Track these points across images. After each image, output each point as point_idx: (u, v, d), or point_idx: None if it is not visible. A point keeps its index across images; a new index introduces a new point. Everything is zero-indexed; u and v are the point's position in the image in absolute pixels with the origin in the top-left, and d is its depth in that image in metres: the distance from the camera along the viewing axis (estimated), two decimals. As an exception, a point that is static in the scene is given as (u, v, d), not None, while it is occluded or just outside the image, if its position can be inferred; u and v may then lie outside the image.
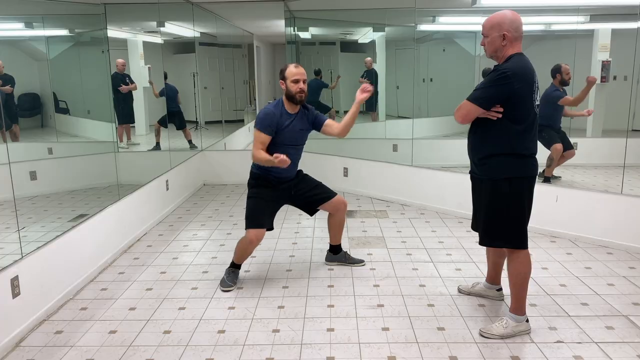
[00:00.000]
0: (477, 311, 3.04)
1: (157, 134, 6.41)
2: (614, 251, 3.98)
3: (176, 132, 6.85)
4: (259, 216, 3.36)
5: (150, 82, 6.22)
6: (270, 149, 3.31)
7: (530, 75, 2.56)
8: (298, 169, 3.60)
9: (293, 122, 3.38)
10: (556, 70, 5.16)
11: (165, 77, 6.66)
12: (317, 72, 7.95)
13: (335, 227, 3.73)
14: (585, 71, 5.96)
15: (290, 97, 3.34)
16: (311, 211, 3.64)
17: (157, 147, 6.30)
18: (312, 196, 3.56)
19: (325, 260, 3.85)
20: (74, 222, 3.61)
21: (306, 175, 3.64)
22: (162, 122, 6.43)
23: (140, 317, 3.04)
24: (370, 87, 3.35)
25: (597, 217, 4.12)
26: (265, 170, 3.39)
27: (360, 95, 3.38)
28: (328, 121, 3.54)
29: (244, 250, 3.41)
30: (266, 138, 3.29)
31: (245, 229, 3.37)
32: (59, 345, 2.74)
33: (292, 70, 3.33)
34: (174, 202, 5.53)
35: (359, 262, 3.80)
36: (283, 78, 3.35)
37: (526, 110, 2.57)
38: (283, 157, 3.11)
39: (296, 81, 3.30)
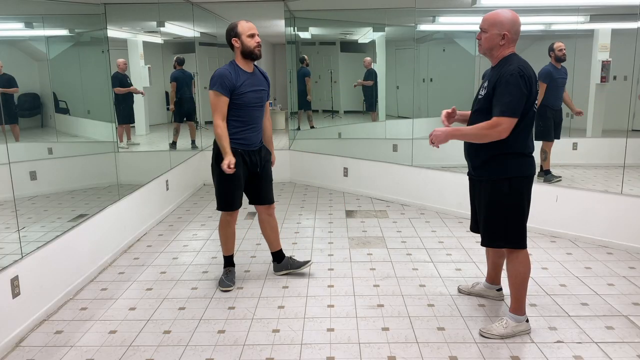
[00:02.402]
0: (477, 311, 3.04)
1: (176, 133, 6.41)
2: (614, 251, 3.98)
3: (179, 132, 6.85)
4: (232, 196, 3.32)
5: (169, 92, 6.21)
6: (236, 112, 3.18)
7: (535, 75, 2.58)
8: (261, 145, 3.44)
9: (252, 81, 3.22)
10: (550, 49, 5.29)
11: (182, 63, 6.64)
12: (302, 60, 7.94)
13: (270, 232, 3.58)
14: (585, 71, 5.97)
15: (248, 53, 3.15)
16: (253, 201, 3.52)
17: (174, 146, 6.31)
18: (262, 191, 3.47)
19: (274, 271, 3.66)
20: (74, 222, 3.61)
21: (268, 160, 3.48)
22: (178, 118, 6.39)
23: (140, 317, 3.04)
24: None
25: (597, 217, 4.12)
26: (233, 140, 3.20)
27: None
28: (267, 105, 3.39)
29: (225, 233, 3.44)
30: (225, 102, 3.12)
31: (218, 210, 3.39)
32: (59, 345, 2.74)
33: (245, 25, 3.14)
34: (174, 202, 5.53)
35: (304, 263, 3.61)
36: (236, 35, 3.13)
37: (530, 109, 2.58)
38: (232, 169, 3.09)
39: (252, 35, 3.13)
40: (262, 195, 3.49)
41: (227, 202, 3.35)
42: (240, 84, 3.16)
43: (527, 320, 2.78)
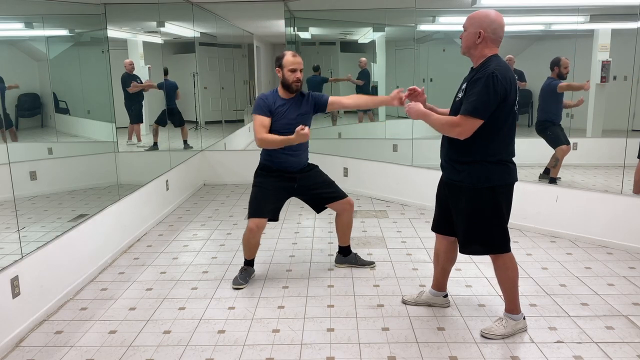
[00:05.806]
0: (477, 311, 3.04)
1: (155, 134, 6.41)
2: (614, 251, 3.98)
3: (176, 132, 6.85)
4: (259, 205, 3.37)
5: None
6: None
7: (514, 77, 2.53)
8: (312, 163, 3.58)
9: (288, 108, 3.33)
10: (555, 63, 5.20)
11: (166, 73, 6.66)
12: (316, 69, 7.95)
13: (342, 227, 3.69)
14: (585, 71, 5.96)
15: (287, 86, 3.32)
16: (318, 208, 3.62)
17: (155, 146, 6.31)
18: (318, 194, 3.54)
19: (335, 262, 3.80)
20: (74, 222, 3.61)
21: (317, 170, 3.60)
22: (160, 122, 6.43)
23: (140, 317, 3.04)
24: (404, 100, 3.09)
25: (597, 217, 4.12)
26: (271, 161, 3.39)
27: (396, 101, 3.08)
28: (332, 99, 3.49)
29: (246, 240, 3.43)
30: (266, 120, 3.28)
31: (247, 218, 3.41)
32: (59, 345, 2.74)
33: (290, 59, 3.30)
34: (174, 202, 5.53)
35: (369, 264, 3.75)
36: (280, 66, 3.32)
37: (512, 113, 2.54)
38: (305, 130, 3.10)
39: (293, 70, 3.28)
40: (322, 197, 3.55)
41: (252, 208, 3.38)
42: (276, 108, 3.31)
43: (524, 318, 2.79)
